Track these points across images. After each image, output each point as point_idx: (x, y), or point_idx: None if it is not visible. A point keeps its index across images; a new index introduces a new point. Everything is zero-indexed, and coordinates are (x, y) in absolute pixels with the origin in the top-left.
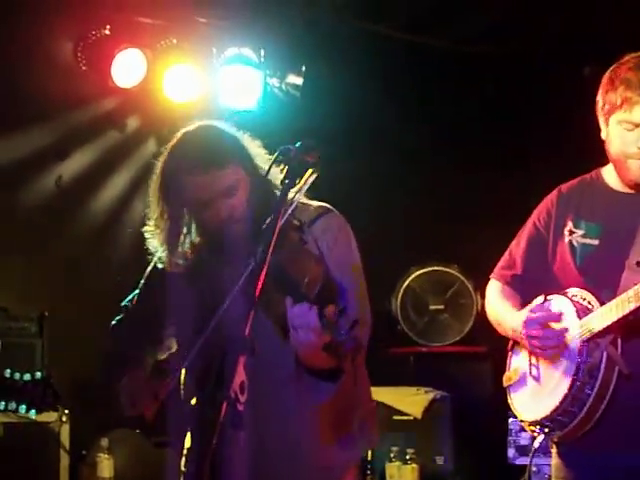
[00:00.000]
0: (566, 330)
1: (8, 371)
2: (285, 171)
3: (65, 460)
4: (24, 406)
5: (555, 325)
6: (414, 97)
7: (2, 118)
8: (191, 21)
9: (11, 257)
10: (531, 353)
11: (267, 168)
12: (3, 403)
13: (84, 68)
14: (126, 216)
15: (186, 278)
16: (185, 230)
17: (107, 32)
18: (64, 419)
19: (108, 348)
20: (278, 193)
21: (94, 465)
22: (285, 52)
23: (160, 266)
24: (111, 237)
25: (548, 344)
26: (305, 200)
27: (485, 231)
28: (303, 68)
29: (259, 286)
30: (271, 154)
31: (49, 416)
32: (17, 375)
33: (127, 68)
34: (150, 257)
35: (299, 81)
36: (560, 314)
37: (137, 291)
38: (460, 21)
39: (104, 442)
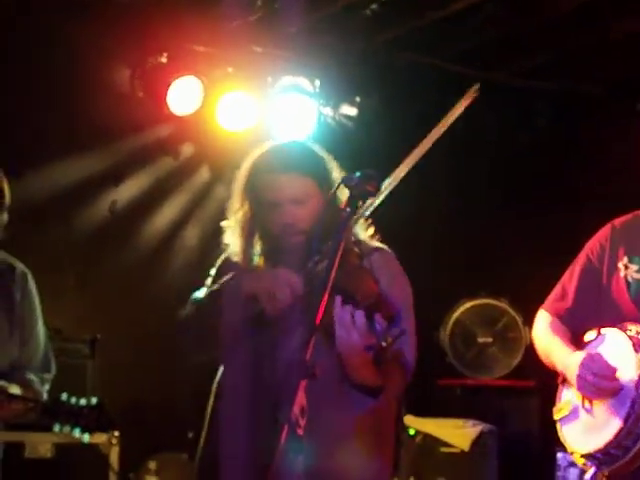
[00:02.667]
0: (619, 385)
1: (65, 395)
2: (346, 199)
3: None
4: (78, 429)
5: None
6: (467, 130)
7: (59, 143)
8: (247, 50)
9: (66, 280)
10: None
11: (331, 193)
12: (58, 425)
13: (140, 95)
14: (179, 242)
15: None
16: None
17: (164, 60)
18: (114, 441)
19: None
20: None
21: None
22: (339, 82)
23: (234, 259)
24: (163, 262)
25: (599, 393)
26: (362, 237)
27: (535, 264)
28: (357, 99)
29: (321, 312)
30: None
31: (99, 438)
32: (73, 399)
33: (183, 96)
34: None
35: (353, 112)
36: (614, 370)
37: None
38: (515, 55)
39: (152, 465)
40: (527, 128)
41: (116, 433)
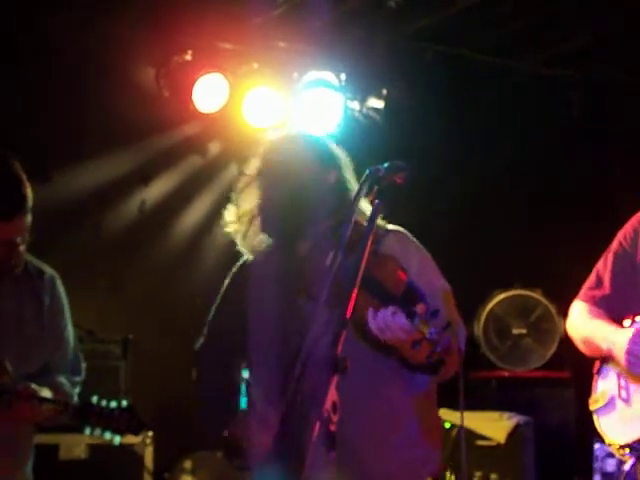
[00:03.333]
0: None
1: (95, 398)
2: (375, 191)
3: None
4: (109, 432)
5: None
6: (497, 121)
7: (87, 144)
8: (272, 46)
9: (97, 281)
10: (620, 375)
11: (356, 188)
12: (89, 428)
13: (166, 94)
14: (209, 240)
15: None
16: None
17: (189, 58)
18: (148, 441)
19: (199, 392)
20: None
21: None
22: (365, 76)
23: (242, 260)
24: (194, 260)
25: None
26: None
27: (569, 254)
28: (384, 92)
29: (351, 306)
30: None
31: (133, 438)
32: (104, 402)
33: (208, 93)
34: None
35: (380, 105)
36: None
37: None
38: (545, 44)
39: (187, 464)
40: (556, 117)
41: (150, 433)
